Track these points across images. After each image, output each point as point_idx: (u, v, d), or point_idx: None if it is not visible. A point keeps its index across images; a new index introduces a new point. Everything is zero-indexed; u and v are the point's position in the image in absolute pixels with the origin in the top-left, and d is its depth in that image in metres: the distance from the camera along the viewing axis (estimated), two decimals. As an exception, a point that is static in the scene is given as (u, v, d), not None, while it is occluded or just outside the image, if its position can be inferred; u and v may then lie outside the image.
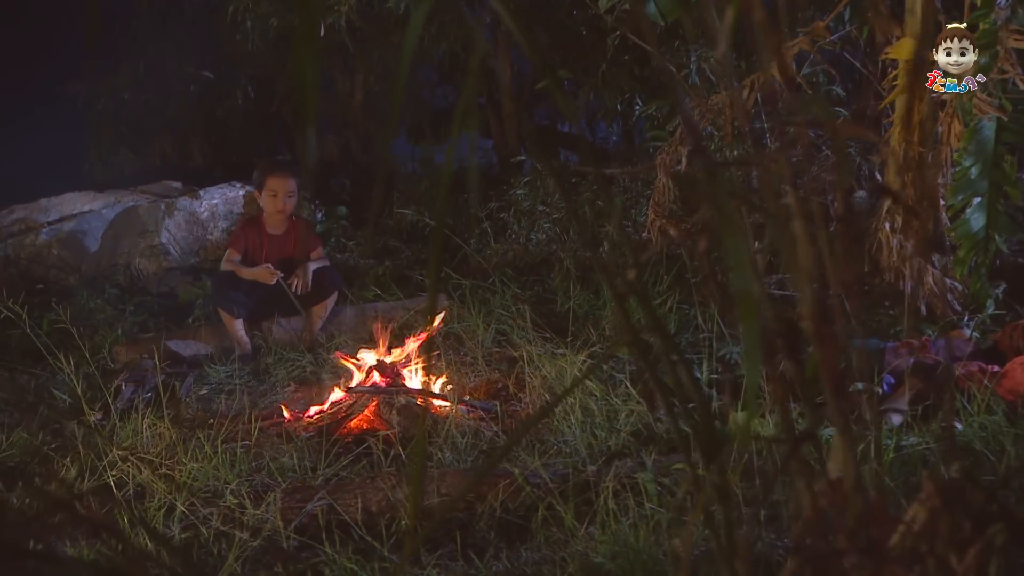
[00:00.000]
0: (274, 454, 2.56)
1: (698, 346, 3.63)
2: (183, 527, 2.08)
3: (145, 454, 2.43)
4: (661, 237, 4.00)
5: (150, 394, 3.28)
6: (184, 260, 4.94)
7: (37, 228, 4.92)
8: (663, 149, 4.02)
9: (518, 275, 4.15)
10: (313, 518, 2.10)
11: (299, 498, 2.18)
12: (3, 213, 5.08)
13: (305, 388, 3.19)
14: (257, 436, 2.66)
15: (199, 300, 4.42)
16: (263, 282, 3.73)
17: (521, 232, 4.69)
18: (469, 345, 3.53)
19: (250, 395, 3.28)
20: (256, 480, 2.40)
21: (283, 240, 3.91)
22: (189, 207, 5.10)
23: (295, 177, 3.89)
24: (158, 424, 2.65)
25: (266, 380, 3.43)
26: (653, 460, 2.22)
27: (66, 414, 3.07)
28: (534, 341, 3.31)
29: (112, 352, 3.74)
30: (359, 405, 2.90)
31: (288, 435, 2.75)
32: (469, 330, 3.59)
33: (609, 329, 3.37)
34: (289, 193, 3.85)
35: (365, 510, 2.11)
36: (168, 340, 3.74)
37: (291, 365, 3.49)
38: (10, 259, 4.82)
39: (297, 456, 2.52)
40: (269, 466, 2.47)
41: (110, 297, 4.45)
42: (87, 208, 5.03)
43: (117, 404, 3.05)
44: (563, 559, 1.87)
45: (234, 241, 3.89)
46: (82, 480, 2.35)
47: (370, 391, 2.88)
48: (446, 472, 2.25)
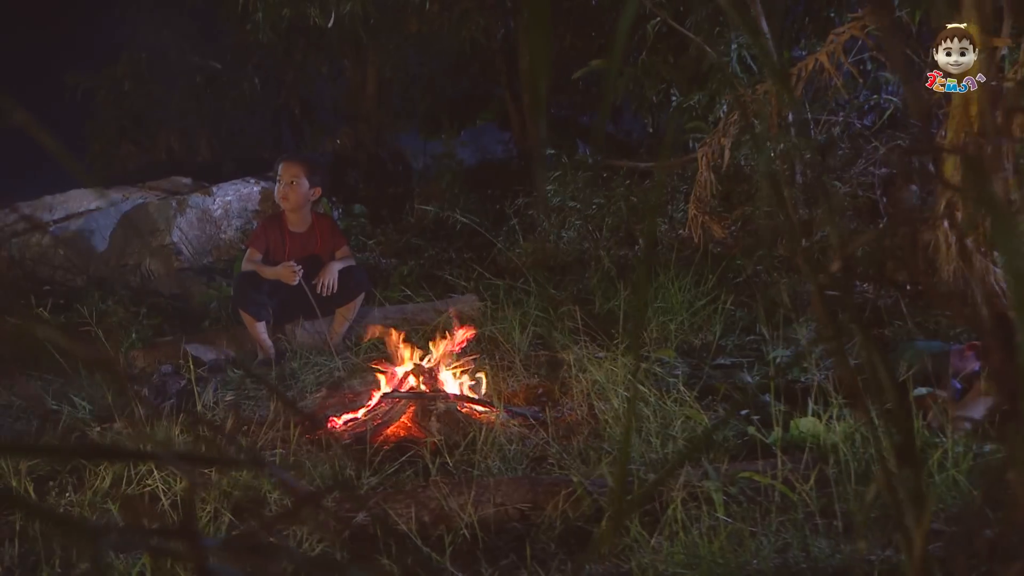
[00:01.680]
0: (313, 462, 2.59)
1: (745, 349, 3.66)
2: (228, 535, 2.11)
3: (182, 462, 2.46)
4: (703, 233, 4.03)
5: (173, 400, 3.32)
6: (196, 260, 4.98)
7: (42, 227, 4.96)
8: (704, 141, 4.05)
9: (550, 274, 4.18)
10: (363, 528, 2.13)
11: (348, 507, 2.21)
12: (5, 211, 5.11)
13: (337, 393, 3.22)
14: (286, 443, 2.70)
15: (214, 302, 4.47)
16: (285, 282, 3.74)
17: (551, 229, 4.71)
18: (505, 348, 3.56)
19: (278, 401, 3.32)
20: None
21: (306, 238, 3.93)
22: (201, 204, 5.13)
23: (302, 164, 3.88)
24: (190, 430, 2.69)
25: (293, 385, 3.47)
26: (717, 468, 2.24)
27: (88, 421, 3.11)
28: (575, 344, 3.34)
29: (129, 357, 3.78)
30: (396, 412, 2.93)
31: (324, 443, 2.79)
32: (504, 332, 3.62)
33: (656, 331, 3.39)
34: (291, 180, 3.82)
35: (419, 520, 2.14)
36: (187, 344, 3.77)
37: (319, 369, 3.52)
38: (15, 260, 4.87)
39: (338, 464, 2.55)
40: (310, 474, 2.49)
41: (121, 299, 4.49)
42: (93, 206, 5.07)
43: (142, 410, 3.09)
44: (631, 570, 1.90)
45: (255, 240, 3.91)
46: (118, 488, 2.38)
47: (409, 396, 2.91)
48: (501, 481, 2.27)
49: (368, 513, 2.20)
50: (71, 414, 3.21)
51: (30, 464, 2.51)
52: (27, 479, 2.36)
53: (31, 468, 2.51)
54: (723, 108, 4.40)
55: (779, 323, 3.86)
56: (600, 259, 4.28)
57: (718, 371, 3.40)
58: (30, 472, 2.50)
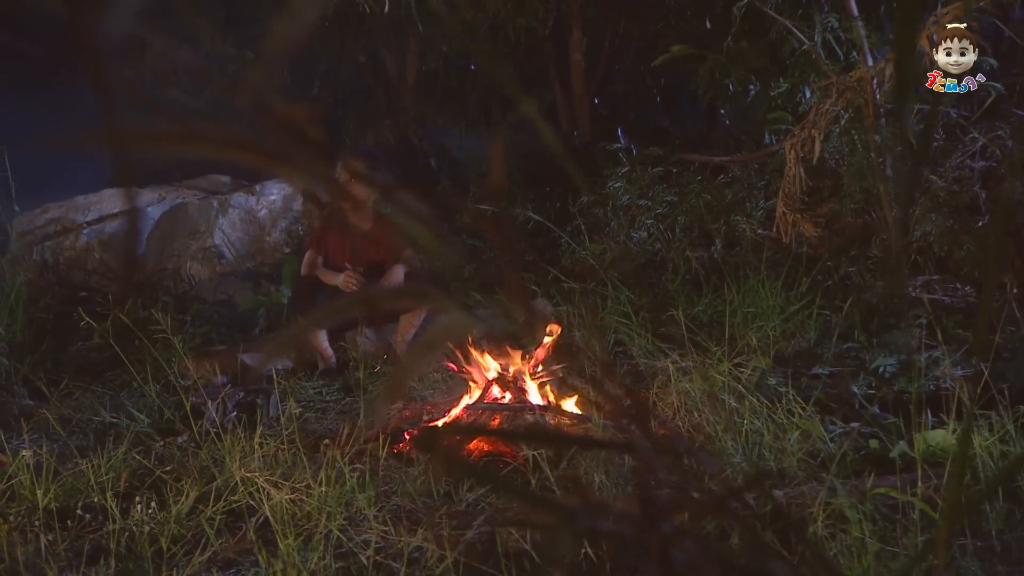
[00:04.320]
0: (401, 476, 2.65)
1: (843, 357, 3.69)
2: (336, 555, 2.17)
3: (270, 475, 2.53)
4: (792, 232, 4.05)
5: (234, 412, 3.40)
6: (239, 264, 5.07)
7: (75, 229, 5.08)
8: (792, 133, 4.08)
9: (623, 277, 4.22)
10: (472, 546, 2.19)
11: (455, 524, 2.27)
12: (35, 212, 5.25)
13: (413, 405, 3.28)
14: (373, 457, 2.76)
15: (262, 309, 4.55)
16: (345, 289, 3.80)
17: (620, 229, 4.76)
18: (584, 355, 3.61)
19: (347, 413, 3.39)
20: (393, 504, 2.49)
21: (368, 239, 3.99)
22: (245, 204, 5.23)
23: (362, 158, 3.95)
24: (270, 443, 2.76)
25: (360, 396, 3.54)
26: (850, 484, 2.27)
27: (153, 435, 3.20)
28: (661, 351, 3.38)
29: (181, 367, 3.86)
30: (480, 424, 2.99)
31: (405, 456, 2.85)
32: (582, 339, 3.67)
33: (750, 337, 3.43)
34: (350, 176, 3.89)
35: (532, 537, 2.19)
36: (242, 354, 3.86)
37: (387, 380, 3.59)
38: (47, 264, 4.97)
39: (428, 478, 2.60)
40: (403, 489, 2.56)
41: (164, 306, 4.59)
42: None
43: (207, 423, 3.18)
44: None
45: (313, 241, 3.98)
46: (206, 505, 2.45)
47: (495, 408, 2.97)
48: (616, 497, 2.32)
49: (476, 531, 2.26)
50: (129, 426, 3.30)
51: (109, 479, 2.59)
52: (111, 496, 2.43)
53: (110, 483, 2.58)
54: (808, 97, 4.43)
55: (875, 329, 3.89)
56: (676, 260, 4.32)
57: (817, 380, 3.42)
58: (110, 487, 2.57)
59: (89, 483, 2.60)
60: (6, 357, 3.96)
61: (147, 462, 2.74)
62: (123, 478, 2.52)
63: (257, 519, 2.38)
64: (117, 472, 2.72)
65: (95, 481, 2.60)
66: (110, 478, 2.65)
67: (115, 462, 2.79)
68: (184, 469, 2.72)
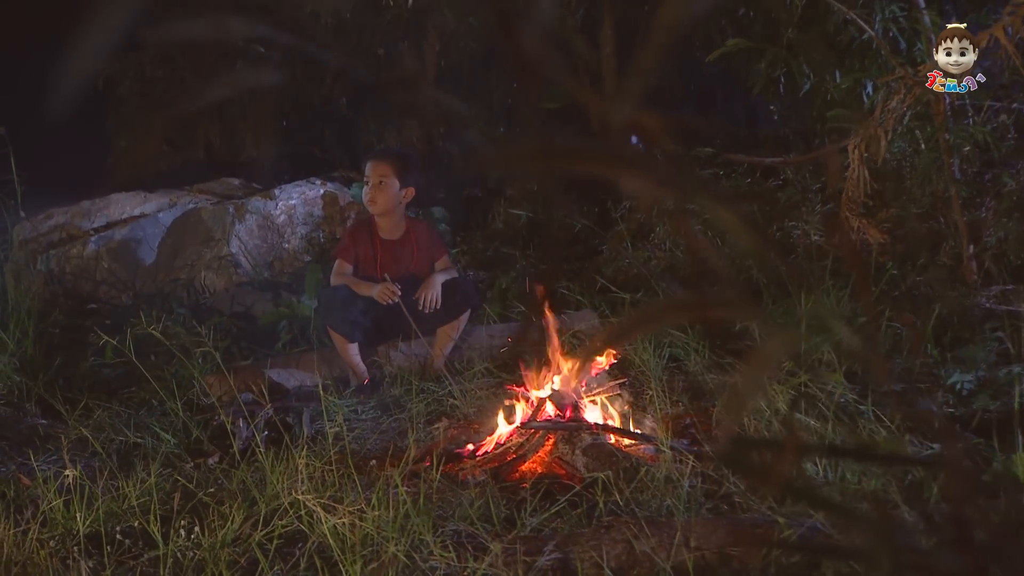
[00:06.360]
0: (457, 499, 2.68)
1: (915, 372, 3.71)
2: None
3: (318, 498, 2.56)
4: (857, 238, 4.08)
5: (267, 432, 3.44)
6: (257, 273, 5.11)
7: (82, 237, 5.13)
8: (856, 132, 4.11)
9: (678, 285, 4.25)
10: (545, 573, 2.21)
11: (524, 551, 2.29)
12: (39, 219, 5.29)
13: (461, 425, 3.31)
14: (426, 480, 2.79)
15: (284, 322, 4.59)
16: (382, 302, 3.84)
17: (666, 236, 4.79)
18: (636, 372, 3.65)
19: (387, 433, 3.43)
20: (451, 529, 2.52)
21: (399, 246, 4.02)
22: (262, 210, 5.27)
23: (391, 161, 3.97)
24: (315, 464, 2.79)
25: (398, 414, 3.57)
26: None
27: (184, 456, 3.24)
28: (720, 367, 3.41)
29: (204, 383, 3.90)
30: (533, 445, 3.02)
31: (456, 479, 2.89)
32: (634, 352, 3.70)
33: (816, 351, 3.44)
34: (379, 180, 3.92)
35: (608, 565, 2.22)
36: (269, 370, 3.89)
37: (427, 396, 3.62)
38: (53, 274, 5.03)
39: (487, 502, 2.63)
40: (460, 512, 2.58)
41: (179, 318, 4.63)
42: (138, 212, 5.23)
43: (238, 443, 3.22)
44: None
45: (343, 250, 4.01)
46: (251, 529, 2.49)
47: (552, 426, 3.00)
48: (694, 521, 2.34)
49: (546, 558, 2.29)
50: (155, 446, 3.33)
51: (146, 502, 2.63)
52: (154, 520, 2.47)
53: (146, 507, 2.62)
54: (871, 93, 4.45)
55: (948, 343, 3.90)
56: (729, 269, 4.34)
57: (889, 397, 3.44)
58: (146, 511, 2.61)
59: (125, 506, 2.63)
60: (18, 374, 4.00)
61: (187, 484, 2.77)
62: (175, 499, 2.55)
63: (311, 544, 2.42)
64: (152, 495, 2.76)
65: (133, 504, 2.64)
66: (146, 501, 2.69)
67: (148, 486, 2.83)
68: (224, 491, 2.76)
